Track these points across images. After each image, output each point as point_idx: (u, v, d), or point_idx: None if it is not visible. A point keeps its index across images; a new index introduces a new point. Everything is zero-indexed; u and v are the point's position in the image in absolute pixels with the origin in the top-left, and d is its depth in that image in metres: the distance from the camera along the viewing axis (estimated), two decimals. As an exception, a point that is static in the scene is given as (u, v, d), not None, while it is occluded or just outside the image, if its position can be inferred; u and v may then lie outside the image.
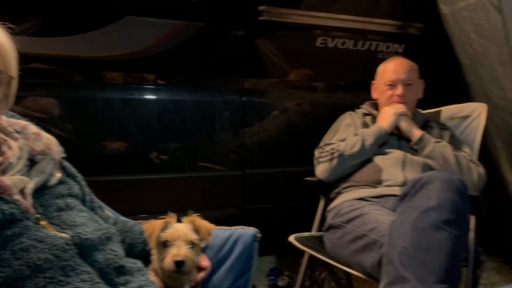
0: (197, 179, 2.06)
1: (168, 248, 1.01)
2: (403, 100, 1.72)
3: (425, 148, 1.63)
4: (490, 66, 1.80)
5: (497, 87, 1.80)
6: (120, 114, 1.89)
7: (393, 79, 1.73)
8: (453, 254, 1.05)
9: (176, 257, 0.98)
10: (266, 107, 2.16)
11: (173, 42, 1.89)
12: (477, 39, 1.85)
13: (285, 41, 2.11)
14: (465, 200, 1.15)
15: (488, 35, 1.77)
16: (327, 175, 1.66)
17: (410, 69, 1.75)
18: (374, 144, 1.64)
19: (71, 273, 0.78)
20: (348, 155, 1.62)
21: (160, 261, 1.02)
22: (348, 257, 1.38)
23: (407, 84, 1.73)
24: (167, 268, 0.99)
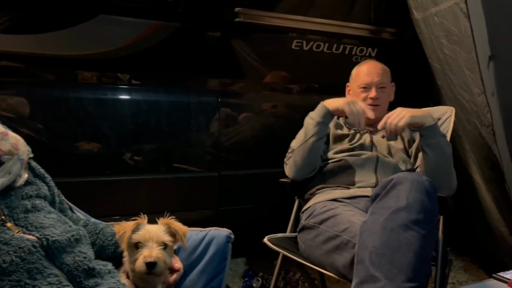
0: (173, 180, 2.04)
1: (140, 250, 1.00)
2: (376, 102, 1.75)
3: (432, 136, 1.51)
4: (460, 70, 1.86)
5: (466, 91, 1.85)
6: (93, 114, 1.85)
7: (367, 82, 1.76)
8: (421, 253, 1.08)
9: (148, 258, 0.97)
10: (242, 108, 2.16)
11: (149, 42, 1.87)
12: (447, 45, 1.90)
13: (261, 43, 2.12)
14: (433, 201, 1.18)
15: (457, 41, 1.82)
16: (292, 173, 1.68)
17: (383, 73, 1.78)
18: (317, 124, 1.60)
19: (38, 276, 0.77)
20: (298, 146, 1.63)
21: (132, 263, 1.01)
22: (321, 258, 1.40)
23: (380, 87, 1.76)
24: (138, 269, 0.98)
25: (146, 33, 1.85)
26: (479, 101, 1.77)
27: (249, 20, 2.01)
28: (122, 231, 1.01)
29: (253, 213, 2.26)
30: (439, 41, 1.96)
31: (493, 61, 1.65)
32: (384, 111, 1.79)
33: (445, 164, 1.54)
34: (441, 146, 1.53)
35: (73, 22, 1.72)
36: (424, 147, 1.54)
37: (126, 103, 1.94)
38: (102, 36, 1.79)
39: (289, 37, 2.16)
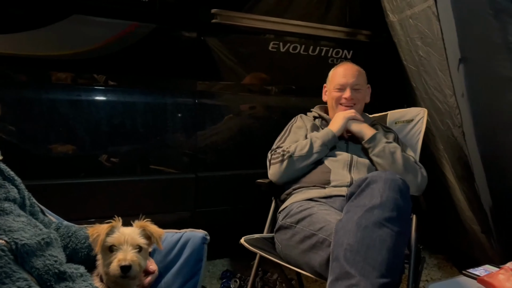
0: (149, 182, 2.02)
1: (114, 253, 0.99)
2: (351, 103, 1.79)
3: (376, 147, 1.67)
4: (434, 72, 1.89)
5: (439, 92, 1.89)
6: (68, 115, 1.83)
7: (342, 83, 1.80)
8: (394, 249, 1.10)
9: (122, 261, 0.96)
10: (219, 110, 2.16)
11: (125, 43, 1.85)
12: (422, 46, 1.94)
13: (238, 44, 2.12)
14: (406, 199, 1.20)
15: (431, 43, 1.86)
16: (278, 177, 1.69)
17: (358, 74, 1.81)
18: (323, 146, 1.68)
19: (6, 280, 0.75)
20: (298, 157, 1.65)
21: (106, 266, 0.99)
22: (297, 257, 1.40)
23: (355, 88, 1.79)
24: (112, 273, 0.97)
25: (121, 34, 1.83)
26: (450, 102, 1.82)
27: (225, 21, 2.02)
28: (95, 234, 1.00)
29: (230, 215, 2.25)
30: (414, 43, 2.00)
31: (463, 64, 1.69)
32: (359, 111, 1.82)
33: (400, 167, 1.61)
34: (388, 151, 1.64)
35: (46, 21, 1.69)
36: (373, 158, 1.67)
37: (101, 104, 1.91)
38: (76, 36, 1.76)
39: (266, 39, 2.17)
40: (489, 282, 1.25)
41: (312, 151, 1.66)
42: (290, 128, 1.86)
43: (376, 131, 1.73)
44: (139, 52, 1.90)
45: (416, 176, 1.63)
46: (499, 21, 1.56)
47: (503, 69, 1.59)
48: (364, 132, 1.72)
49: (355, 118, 1.77)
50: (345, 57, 2.37)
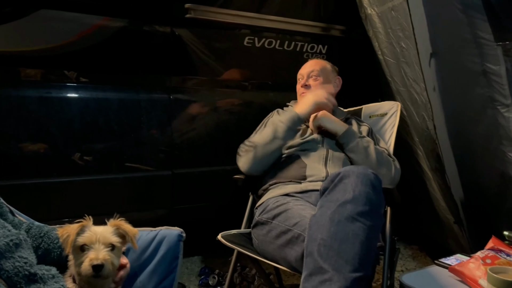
0: (124, 180, 2.00)
1: (86, 252, 0.97)
2: (306, 89, 1.86)
3: (350, 142, 1.69)
4: (412, 63, 1.91)
5: (417, 84, 1.91)
6: (38, 113, 1.78)
7: (301, 72, 1.91)
8: (367, 243, 1.12)
9: (94, 261, 0.95)
10: (194, 106, 2.14)
11: (96, 38, 1.82)
12: (403, 38, 1.94)
13: (212, 39, 2.11)
14: (378, 193, 1.22)
15: (408, 35, 1.87)
16: (247, 167, 1.69)
17: (316, 64, 1.90)
18: (287, 129, 1.66)
19: (-27, 284, 0.73)
20: (263, 144, 1.65)
21: (78, 266, 0.97)
22: (274, 252, 1.41)
23: (310, 76, 1.87)
24: (84, 273, 0.96)
25: (92, 29, 1.80)
26: (424, 95, 1.85)
27: (200, 16, 2.00)
28: (65, 235, 0.98)
29: (208, 211, 2.25)
30: (396, 34, 2.00)
31: (434, 58, 1.72)
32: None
33: (373, 161, 1.64)
34: (362, 146, 1.66)
35: (13, 17, 1.64)
36: (348, 153, 1.69)
37: (73, 101, 1.87)
38: (44, 32, 1.71)
39: (241, 34, 2.16)
40: (459, 270, 1.29)
41: (277, 136, 1.65)
42: (266, 122, 1.87)
43: (349, 126, 1.74)
44: (111, 48, 1.87)
45: (389, 169, 1.66)
46: (467, 16, 1.59)
47: (472, 64, 1.63)
48: (337, 128, 1.73)
49: (323, 106, 1.75)
50: (320, 52, 2.38)
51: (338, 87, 1.93)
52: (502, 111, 1.63)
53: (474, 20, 1.59)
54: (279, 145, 1.66)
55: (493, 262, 1.24)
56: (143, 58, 1.97)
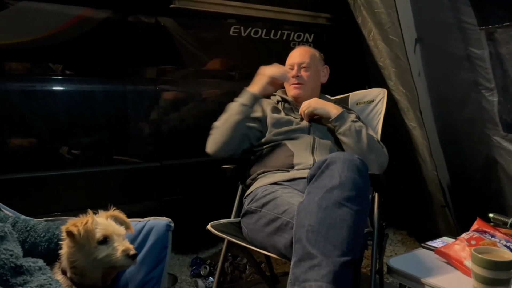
0: (113, 173, 1.99)
1: (110, 244, 1.00)
2: (298, 80, 1.83)
3: (343, 125, 1.68)
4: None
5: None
6: (23, 108, 1.76)
7: (291, 62, 1.86)
8: (355, 228, 1.13)
9: (130, 251, 1.00)
10: (181, 97, 2.13)
11: (78, 30, 1.79)
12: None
13: (198, 29, 2.10)
14: (364, 178, 1.23)
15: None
16: (210, 148, 1.71)
17: (305, 53, 1.86)
18: (241, 105, 1.69)
19: (-43, 277, 0.73)
20: (220, 123, 1.69)
21: (104, 257, 0.99)
22: (263, 240, 1.42)
23: (302, 67, 1.84)
24: (119, 263, 0.99)
25: (74, 21, 1.77)
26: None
27: (184, 6, 1.98)
28: (82, 228, 0.98)
29: (197, 202, 2.25)
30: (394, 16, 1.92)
31: (419, 44, 1.73)
32: (309, 91, 1.85)
33: (364, 145, 1.64)
34: (354, 130, 1.67)
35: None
36: (340, 137, 1.69)
37: (59, 94, 1.86)
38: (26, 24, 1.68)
39: (227, 24, 2.15)
40: (445, 252, 1.31)
41: (232, 112, 1.68)
42: None
43: (343, 110, 1.74)
44: (95, 40, 1.84)
45: (378, 155, 1.67)
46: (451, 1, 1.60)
47: (456, 49, 1.64)
48: (330, 111, 1.73)
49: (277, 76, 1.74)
50: (306, 40, 2.38)
51: (326, 77, 1.93)
52: (486, 95, 1.65)
53: (457, 5, 1.59)
54: (236, 121, 1.67)
55: (477, 243, 1.27)
56: (128, 50, 1.95)
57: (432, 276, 1.24)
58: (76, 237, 0.98)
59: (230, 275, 2.09)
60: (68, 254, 1.02)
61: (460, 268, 1.26)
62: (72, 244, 1.00)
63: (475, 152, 1.79)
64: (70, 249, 1.01)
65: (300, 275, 1.07)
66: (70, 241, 1.00)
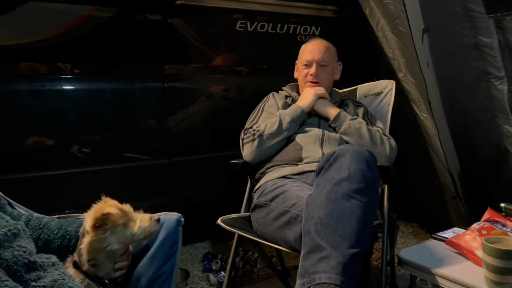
0: (123, 170, 2.01)
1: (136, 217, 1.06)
2: (316, 79, 1.80)
3: (342, 125, 1.71)
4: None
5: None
6: (34, 107, 1.78)
7: (309, 59, 1.81)
8: (364, 219, 1.13)
9: (154, 216, 1.08)
10: (189, 93, 2.14)
11: (85, 28, 1.80)
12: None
13: (204, 25, 2.09)
14: (373, 170, 1.23)
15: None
16: (252, 157, 1.70)
17: (325, 51, 1.82)
18: (292, 122, 1.69)
19: (-27, 273, 0.74)
20: (268, 135, 1.66)
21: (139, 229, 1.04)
22: (273, 234, 1.43)
23: (321, 64, 1.80)
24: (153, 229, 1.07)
25: (80, 20, 1.78)
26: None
27: (190, 2, 1.98)
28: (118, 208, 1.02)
29: (208, 197, 2.26)
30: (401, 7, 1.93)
31: (426, 34, 1.71)
32: (327, 88, 1.84)
33: (367, 141, 1.65)
34: (354, 128, 1.68)
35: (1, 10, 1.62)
36: (342, 136, 1.71)
37: (67, 93, 1.87)
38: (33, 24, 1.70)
39: (233, 19, 2.14)
40: (456, 243, 1.31)
41: (282, 128, 1.67)
42: (262, 107, 1.86)
43: (340, 110, 1.76)
44: (102, 38, 1.85)
45: (384, 147, 1.66)
46: (458, -11, 1.58)
47: (464, 37, 1.62)
48: (328, 112, 1.75)
49: (324, 97, 1.78)
50: (313, 33, 2.37)
51: (339, 74, 1.91)
52: (496, 83, 1.63)
53: (465, -8, 1.57)
54: (283, 137, 1.68)
55: (488, 233, 1.26)
56: (135, 47, 1.96)
57: (443, 267, 1.24)
58: (112, 218, 1.00)
59: (242, 269, 2.11)
60: (92, 245, 1.02)
61: (471, 258, 1.25)
62: (106, 228, 1.01)
63: (485, 142, 1.77)
64: (101, 236, 1.01)
65: (309, 267, 1.08)
66: (103, 227, 1.01)
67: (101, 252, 1.03)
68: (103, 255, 1.03)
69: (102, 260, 1.03)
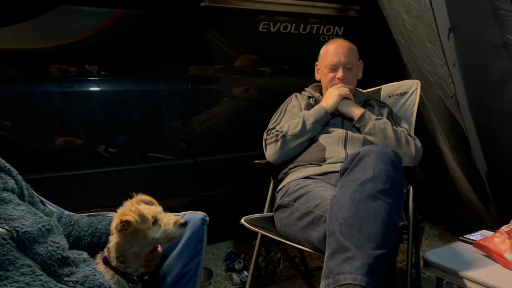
0: (148, 170, 2.04)
1: (160, 222, 1.07)
2: (343, 82, 1.79)
3: (366, 125, 1.70)
4: (422, 44, 1.88)
5: (428, 64, 1.89)
6: (62, 108, 1.83)
7: (334, 62, 1.79)
8: (389, 220, 1.12)
9: (180, 221, 1.08)
10: (213, 94, 2.16)
11: (113, 31, 1.84)
12: (408, 20, 1.92)
13: (228, 26, 2.11)
14: (398, 170, 1.22)
15: (417, 15, 1.84)
16: (275, 158, 1.70)
17: (349, 52, 1.80)
18: (316, 123, 1.69)
19: (10, 267, 0.77)
20: (291, 136, 1.67)
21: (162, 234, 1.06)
22: (297, 234, 1.43)
23: (347, 67, 1.79)
24: (177, 234, 1.07)
25: (109, 23, 1.82)
26: (442, 73, 1.81)
27: (214, 4, 2.00)
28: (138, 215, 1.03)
29: (231, 197, 2.28)
30: (401, 17, 1.98)
31: (453, 33, 1.69)
32: (353, 90, 1.83)
33: (392, 142, 1.63)
34: (379, 128, 1.67)
35: (33, 14, 1.68)
36: (366, 137, 1.69)
37: (95, 95, 1.92)
38: (63, 27, 1.75)
39: (256, 20, 2.16)
40: (484, 245, 1.28)
41: (305, 129, 1.67)
42: (285, 108, 1.87)
43: (365, 110, 1.74)
44: (128, 40, 1.89)
45: (410, 148, 1.64)
46: (485, -14, 1.55)
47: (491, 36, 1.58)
48: (353, 112, 1.74)
49: (348, 97, 1.77)
50: (336, 33, 2.36)
51: (361, 72, 1.90)
52: (525, 83, 1.59)
53: (493, -10, 1.54)
54: (307, 138, 1.69)
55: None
56: (160, 49, 1.99)
57: (470, 269, 1.22)
58: (132, 225, 1.02)
59: (264, 269, 2.12)
60: (119, 245, 1.06)
61: (500, 261, 1.22)
62: (127, 233, 1.04)
63: (513, 143, 1.73)
64: (124, 239, 1.05)
65: (334, 268, 1.08)
66: (125, 231, 1.04)
67: (127, 252, 1.06)
68: (129, 254, 1.07)
69: (129, 258, 1.07)
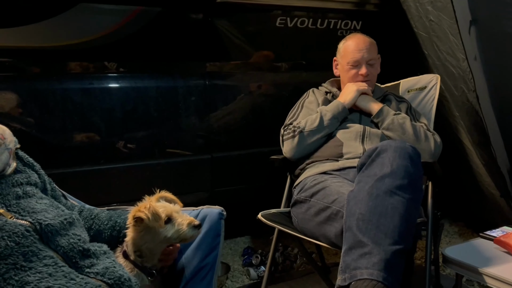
0: (166, 165, 2.07)
1: (174, 222, 1.08)
2: (367, 79, 1.77)
3: (385, 120, 1.68)
4: (445, 36, 1.84)
5: (452, 57, 1.85)
6: (82, 104, 1.86)
7: (357, 59, 1.75)
8: (406, 216, 1.11)
9: (194, 222, 1.08)
10: (230, 90, 2.17)
11: (131, 28, 1.86)
12: (432, 11, 1.87)
13: (244, 22, 2.11)
14: (416, 166, 1.21)
15: (441, 7, 1.80)
16: (292, 153, 1.70)
17: (372, 47, 1.78)
18: (333, 119, 1.68)
19: (33, 258, 0.80)
20: (308, 131, 1.66)
21: (174, 234, 1.06)
22: (314, 230, 1.43)
23: (370, 63, 1.77)
24: (189, 235, 1.07)
25: (127, 20, 1.84)
26: (463, 67, 1.78)
27: (230, 0, 2.00)
28: (150, 213, 1.04)
29: (248, 193, 2.29)
30: (424, 8, 1.93)
31: (474, 26, 1.65)
32: (373, 85, 1.81)
33: (410, 137, 1.61)
34: (397, 123, 1.64)
35: (53, 12, 1.71)
36: (384, 132, 1.67)
37: (114, 91, 1.95)
38: (83, 25, 1.78)
39: (273, 15, 2.15)
40: (505, 242, 1.26)
41: (323, 125, 1.67)
42: (302, 103, 1.86)
43: (383, 105, 1.72)
44: (146, 37, 1.91)
45: (429, 143, 1.62)
46: (508, -22, 1.51)
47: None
48: (371, 107, 1.72)
49: (366, 92, 1.75)
50: (354, 28, 2.33)
51: (379, 66, 1.88)
52: (549, 77, 1.55)
53: (515, -18, 1.50)
54: (324, 134, 1.68)
55: (541, 233, 1.20)
56: (178, 46, 2.00)
57: (491, 266, 1.20)
58: (144, 222, 1.04)
59: (281, 264, 2.12)
60: (134, 240, 1.08)
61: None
62: (140, 229, 1.06)
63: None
64: (137, 234, 1.07)
65: (350, 263, 1.08)
66: (138, 226, 1.06)
67: (142, 246, 1.08)
68: (144, 249, 1.09)
69: (146, 253, 1.09)
